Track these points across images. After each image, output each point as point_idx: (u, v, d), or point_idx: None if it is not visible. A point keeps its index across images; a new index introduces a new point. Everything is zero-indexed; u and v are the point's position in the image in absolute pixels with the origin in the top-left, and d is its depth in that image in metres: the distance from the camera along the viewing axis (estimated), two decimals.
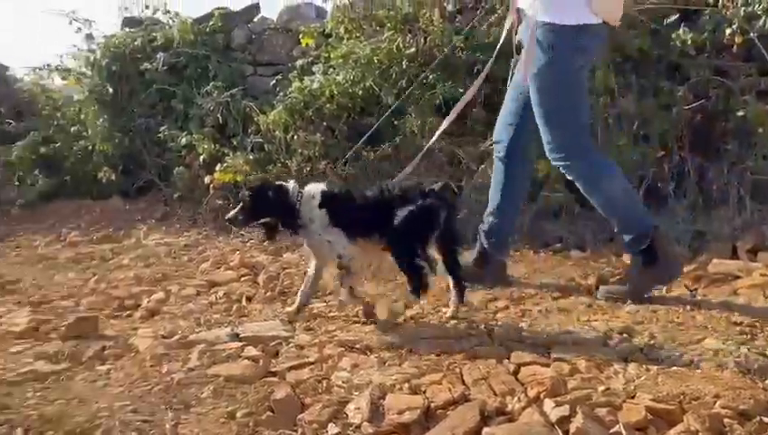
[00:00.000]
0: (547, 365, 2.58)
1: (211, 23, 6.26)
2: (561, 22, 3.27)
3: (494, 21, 5.16)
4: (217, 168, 5.29)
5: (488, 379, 2.43)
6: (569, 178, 3.51)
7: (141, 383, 2.58)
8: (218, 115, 5.76)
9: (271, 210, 3.22)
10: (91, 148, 6.29)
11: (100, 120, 6.18)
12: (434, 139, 3.83)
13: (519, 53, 3.54)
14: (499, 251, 3.81)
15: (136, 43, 6.23)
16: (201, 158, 5.45)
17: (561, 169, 3.48)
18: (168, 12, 6.45)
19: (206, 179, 5.39)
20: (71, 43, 6.79)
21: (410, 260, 3.14)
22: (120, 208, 6.14)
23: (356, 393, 2.38)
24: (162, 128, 5.81)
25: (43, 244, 5.45)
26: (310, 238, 3.24)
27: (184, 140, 5.53)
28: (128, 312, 3.66)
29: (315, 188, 3.24)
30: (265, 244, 5.02)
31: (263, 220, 3.28)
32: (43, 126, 6.62)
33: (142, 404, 2.39)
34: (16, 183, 6.36)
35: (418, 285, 3.15)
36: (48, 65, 7.04)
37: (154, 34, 6.28)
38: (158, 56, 6.10)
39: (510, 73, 3.82)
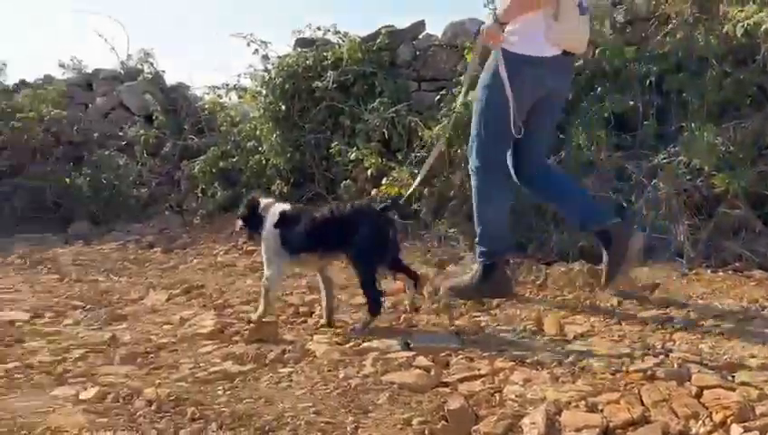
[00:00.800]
0: (732, 389, 2.46)
1: (378, 41, 6.45)
2: (514, 50, 3.65)
3: (669, 31, 5.00)
4: (383, 181, 5.45)
5: (669, 401, 2.36)
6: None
7: (321, 387, 2.71)
8: (384, 130, 5.93)
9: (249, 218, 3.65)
10: (264, 162, 6.65)
11: (274, 135, 6.52)
12: (415, 184, 4.10)
13: None
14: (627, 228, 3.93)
15: (308, 62, 6.53)
16: (369, 172, 5.63)
17: (470, 172, 3.98)
18: (339, 32, 6.72)
19: (373, 192, 5.56)
20: (247, 63, 7.13)
21: (370, 278, 3.42)
22: None
23: (530, 408, 2.38)
24: (333, 144, 6.04)
25: (221, 252, 5.82)
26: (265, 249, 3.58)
27: (353, 155, 5.73)
28: (302, 318, 3.83)
29: (277, 208, 3.59)
30: (428, 256, 5.12)
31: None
32: (222, 142, 7.07)
33: (323, 407, 2.51)
34: (199, 195, 6.84)
35: (377, 302, 3.42)
36: (226, 85, 7.53)
37: (324, 54, 6.55)
38: (327, 74, 6.37)
39: None
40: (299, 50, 6.82)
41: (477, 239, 4.02)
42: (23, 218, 7.14)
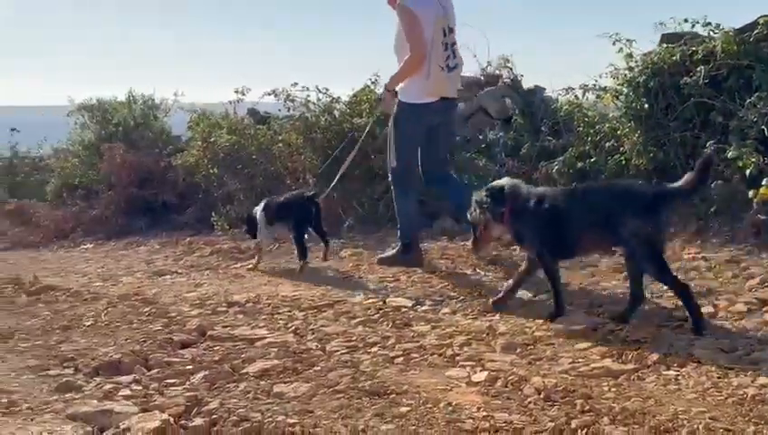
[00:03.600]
0: None
1: (755, 31, 5.95)
2: (406, 100, 5.40)
3: None
4: (764, 182, 5.03)
5: None
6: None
7: (714, 393, 2.62)
8: (763, 127, 5.46)
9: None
10: (624, 162, 6.51)
11: (636, 135, 6.35)
12: (336, 178, 6.25)
13: None
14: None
15: (674, 58, 6.25)
16: (748, 171, 5.21)
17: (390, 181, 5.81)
18: (709, 24, 6.32)
19: (750, 194, 5.15)
20: (608, 63, 7.00)
21: (299, 237, 5.80)
22: None
23: None
24: (709, 142, 5.69)
25: None
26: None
27: (731, 154, 5.36)
28: (678, 322, 3.70)
29: (261, 203, 6.16)
30: None
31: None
32: (579, 142, 7.06)
33: (719, 413, 2.43)
34: None
35: (303, 251, 5.79)
36: (585, 85, 7.50)
37: (693, 48, 6.22)
38: (697, 69, 6.04)
39: None
40: (664, 45, 6.55)
41: (399, 226, 5.80)
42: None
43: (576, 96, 7.77)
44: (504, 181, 4.32)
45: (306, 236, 5.86)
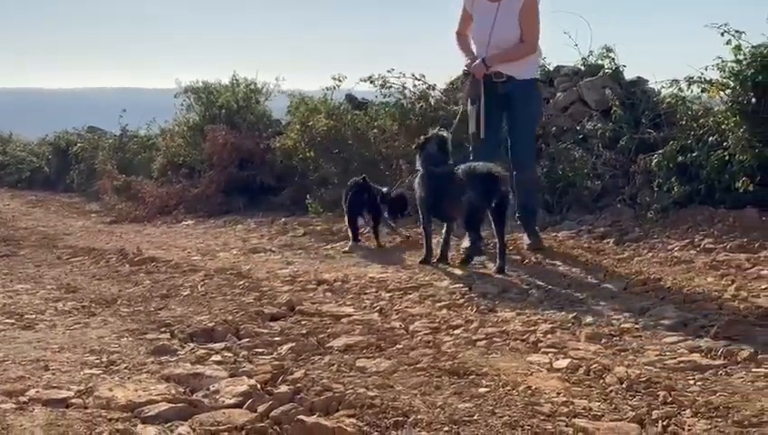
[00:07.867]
0: None
1: None
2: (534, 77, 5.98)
3: None
4: None
5: None
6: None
7: None
8: None
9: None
10: (728, 158, 6.28)
11: (740, 130, 6.12)
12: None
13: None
14: None
15: None
16: None
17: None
18: None
19: None
20: (714, 55, 6.74)
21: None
22: (755, 219, 5.98)
23: None
24: None
25: (677, 248, 5.67)
26: None
27: None
28: None
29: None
30: None
31: None
32: (681, 136, 6.84)
33: None
34: (654, 189, 6.73)
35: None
36: (690, 78, 7.25)
37: None
38: None
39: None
40: None
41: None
42: None
43: (680, 88, 7.51)
44: None
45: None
